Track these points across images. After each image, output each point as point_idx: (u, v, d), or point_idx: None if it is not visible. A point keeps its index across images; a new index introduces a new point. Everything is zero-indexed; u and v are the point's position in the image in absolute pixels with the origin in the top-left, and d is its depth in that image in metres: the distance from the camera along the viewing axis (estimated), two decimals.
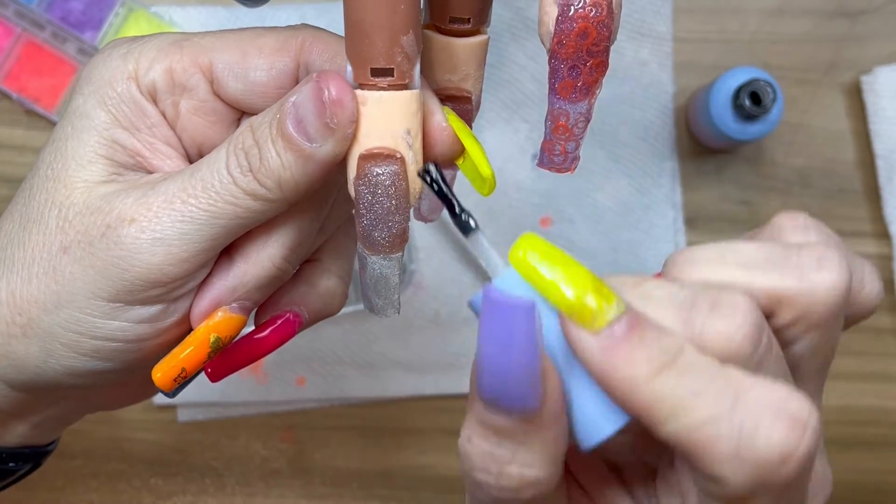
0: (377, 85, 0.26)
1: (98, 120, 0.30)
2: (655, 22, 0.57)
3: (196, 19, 0.56)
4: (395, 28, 0.25)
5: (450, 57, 0.29)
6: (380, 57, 0.26)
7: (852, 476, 0.57)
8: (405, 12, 0.25)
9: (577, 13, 0.25)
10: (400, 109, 0.27)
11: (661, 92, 0.57)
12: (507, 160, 0.57)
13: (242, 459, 0.57)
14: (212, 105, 0.31)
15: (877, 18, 0.57)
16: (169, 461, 0.57)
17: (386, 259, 0.28)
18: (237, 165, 0.28)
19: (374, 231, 0.28)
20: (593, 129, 0.57)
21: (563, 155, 0.27)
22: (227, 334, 0.30)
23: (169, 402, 0.56)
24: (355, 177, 0.27)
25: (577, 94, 0.26)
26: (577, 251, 0.57)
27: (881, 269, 0.57)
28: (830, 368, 0.62)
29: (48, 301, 0.29)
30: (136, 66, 0.30)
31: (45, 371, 0.30)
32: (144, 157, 0.30)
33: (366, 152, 0.27)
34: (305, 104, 0.27)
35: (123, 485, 0.56)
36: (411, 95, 0.27)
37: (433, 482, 0.57)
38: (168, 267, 0.28)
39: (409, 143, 0.27)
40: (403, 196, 0.27)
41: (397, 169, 0.27)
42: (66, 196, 0.29)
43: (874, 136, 0.57)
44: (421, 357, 0.57)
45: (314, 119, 0.27)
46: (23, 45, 0.54)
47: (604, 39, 0.25)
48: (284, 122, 0.27)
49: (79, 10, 0.54)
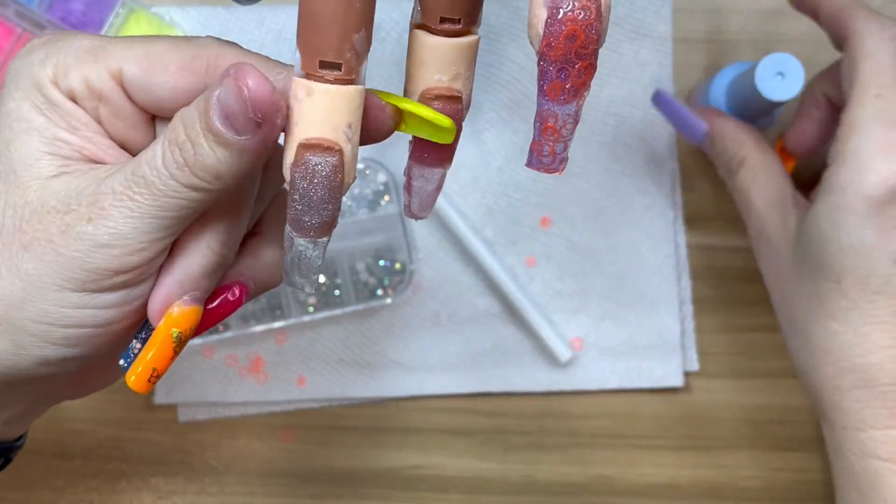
0: (324, 77, 0.27)
1: (37, 122, 0.31)
2: (655, 22, 0.57)
3: (196, 19, 0.56)
4: (348, 25, 0.26)
5: (440, 57, 0.30)
6: (329, 51, 0.27)
7: None
8: (359, 10, 0.26)
9: (565, 16, 0.25)
10: (344, 104, 0.27)
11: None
12: (506, 160, 0.57)
13: (243, 459, 0.57)
14: (130, 110, 0.32)
15: None
16: (169, 461, 0.57)
17: (312, 243, 0.29)
18: (173, 161, 0.29)
19: (304, 216, 0.28)
20: (593, 129, 0.57)
21: (551, 156, 0.27)
22: (187, 326, 0.32)
23: (169, 401, 0.57)
24: (292, 163, 0.28)
25: (565, 95, 0.26)
26: (578, 251, 0.57)
27: None
28: None
29: (15, 297, 0.30)
30: (54, 72, 0.31)
31: (17, 363, 0.31)
32: (89, 150, 0.31)
33: (305, 141, 0.28)
34: (229, 99, 0.28)
35: (123, 484, 0.57)
36: (356, 91, 0.27)
37: (433, 482, 0.57)
38: (128, 257, 0.30)
39: (349, 137, 0.28)
40: (338, 187, 0.28)
41: (335, 161, 0.28)
42: (20, 196, 0.30)
43: None
44: (421, 357, 0.58)
45: (239, 114, 0.28)
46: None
47: (592, 42, 0.26)
48: (211, 117, 0.28)
49: (79, 10, 0.54)
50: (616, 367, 0.57)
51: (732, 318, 0.57)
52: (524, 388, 0.57)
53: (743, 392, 0.57)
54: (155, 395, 0.56)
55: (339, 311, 0.56)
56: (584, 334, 0.57)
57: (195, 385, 0.57)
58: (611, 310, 0.57)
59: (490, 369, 0.57)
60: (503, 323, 0.57)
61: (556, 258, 0.57)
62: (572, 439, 0.57)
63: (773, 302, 0.47)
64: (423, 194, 0.33)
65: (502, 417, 0.57)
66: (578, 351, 0.57)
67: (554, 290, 0.57)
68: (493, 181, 0.57)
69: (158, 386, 0.56)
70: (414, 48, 0.30)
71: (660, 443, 0.57)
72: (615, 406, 0.57)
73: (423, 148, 0.31)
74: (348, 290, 0.56)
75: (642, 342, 0.57)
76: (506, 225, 0.57)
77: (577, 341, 0.57)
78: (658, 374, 0.56)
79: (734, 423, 0.57)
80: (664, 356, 0.56)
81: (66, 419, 0.56)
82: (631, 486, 0.57)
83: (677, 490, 0.57)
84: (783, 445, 0.57)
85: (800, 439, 0.57)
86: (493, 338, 0.57)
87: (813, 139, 0.50)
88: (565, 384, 0.57)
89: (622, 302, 0.57)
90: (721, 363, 0.57)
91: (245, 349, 0.57)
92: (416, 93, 0.30)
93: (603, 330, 0.57)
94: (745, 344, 0.57)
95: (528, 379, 0.57)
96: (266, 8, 0.56)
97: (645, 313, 0.57)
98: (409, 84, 0.30)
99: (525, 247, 0.57)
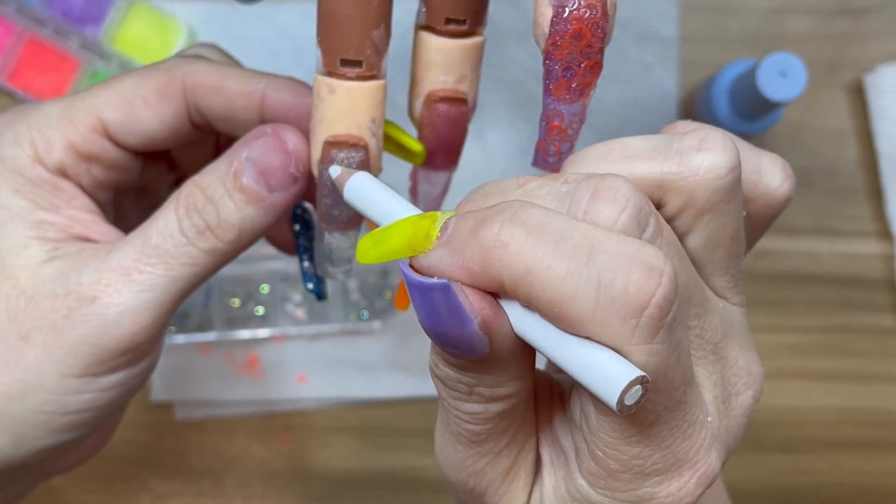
0: (346, 75, 0.27)
1: (18, 207, 0.30)
2: (660, 25, 0.57)
3: (199, 16, 0.56)
4: (367, 23, 0.26)
5: (446, 58, 0.29)
6: (350, 49, 0.27)
7: (855, 477, 0.57)
8: (377, 8, 0.26)
9: (571, 14, 0.25)
10: (367, 99, 0.28)
11: (665, 95, 0.57)
12: (511, 161, 0.57)
13: (241, 460, 0.57)
14: (122, 157, 0.31)
15: (880, 17, 0.57)
16: (167, 462, 0.57)
17: (343, 234, 0.30)
18: (192, 226, 0.29)
19: (334, 211, 0.29)
20: (598, 130, 0.57)
21: (556, 155, 0.27)
22: None
23: (165, 399, 0.56)
24: (319, 160, 0.28)
25: (571, 94, 0.26)
26: None
27: (884, 269, 0.57)
28: (833, 370, 0.63)
29: (14, 391, 0.29)
30: (34, 150, 0.30)
31: (15, 457, 0.30)
32: (76, 229, 0.31)
33: (331, 138, 0.28)
34: (267, 157, 0.29)
35: (121, 485, 0.56)
36: (378, 86, 0.28)
37: (433, 483, 0.57)
38: (135, 335, 0.29)
39: (373, 132, 0.28)
40: None
41: (362, 156, 0.28)
42: (11, 287, 0.29)
43: (877, 135, 0.57)
44: (421, 357, 0.57)
45: (278, 170, 0.29)
46: (25, 43, 0.54)
47: (598, 41, 0.25)
48: (240, 176, 0.29)
49: (80, 5, 0.54)
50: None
51: None
52: None
53: None
54: (152, 392, 0.56)
55: (326, 326, 0.56)
56: None
57: (192, 382, 0.56)
58: None
59: None
60: None
61: None
62: None
63: None
64: (428, 199, 0.32)
65: None
66: None
67: None
68: None
69: (155, 382, 0.56)
70: (419, 49, 0.30)
71: None
72: None
73: (429, 152, 0.31)
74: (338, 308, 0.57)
75: None
76: None
77: None
78: None
79: None
80: None
81: None
82: None
83: None
84: (787, 447, 0.57)
85: (803, 440, 0.57)
86: None
87: None
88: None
89: None
90: None
91: (243, 348, 0.57)
92: (421, 94, 0.30)
93: None
94: None
95: None
96: (268, 4, 0.56)
97: None
98: (414, 85, 0.30)
99: None
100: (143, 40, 0.55)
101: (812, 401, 0.57)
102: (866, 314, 0.57)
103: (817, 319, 0.57)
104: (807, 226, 0.57)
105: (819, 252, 0.57)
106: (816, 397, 0.57)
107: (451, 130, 0.30)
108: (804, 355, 0.57)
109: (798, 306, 0.57)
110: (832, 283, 0.57)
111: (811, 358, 0.57)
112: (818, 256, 0.57)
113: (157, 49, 0.55)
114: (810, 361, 0.57)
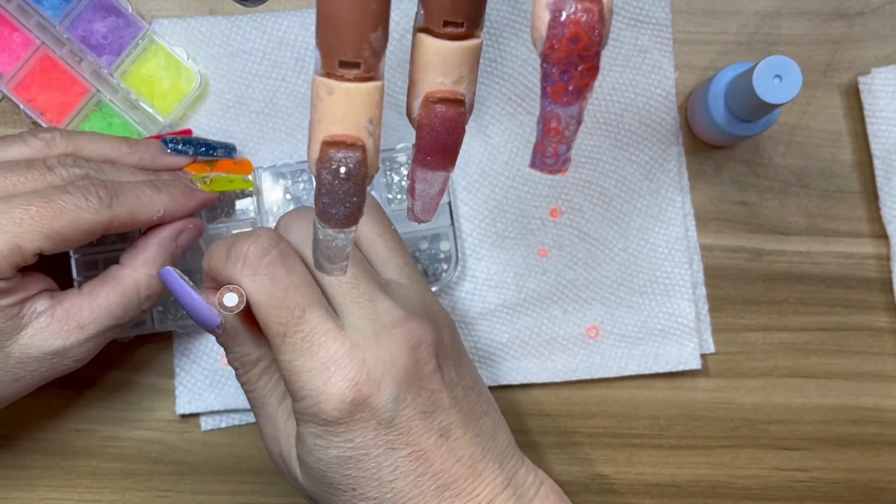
0: (344, 76, 0.28)
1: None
2: (653, 9, 0.57)
3: (198, 31, 0.56)
4: (365, 25, 0.27)
5: (443, 60, 0.30)
6: (348, 51, 0.27)
7: (850, 475, 0.57)
8: (375, 10, 0.27)
9: (568, 18, 0.26)
10: (364, 100, 0.28)
11: (662, 77, 0.57)
12: (513, 154, 0.57)
13: (244, 459, 0.57)
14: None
15: (874, 20, 0.58)
16: (169, 460, 0.57)
17: (341, 232, 0.31)
18: None
19: (331, 209, 0.30)
20: (597, 118, 0.57)
21: (554, 157, 0.28)
22: None
23: (191, 411, 0.56)
24: (317, 159, 0.29)
25: (568, 97, 0.27)
26: (589, 240, 0.57)
27: (879, 269, 0.58)
28: (828, 368, 0.64)
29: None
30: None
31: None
32: None
33: (329, 138, 0.29)
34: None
35: (126, 482, 0.57)
36: (375, 87, 0.28)
37: None
38: None
39: (371, 132, 0.29)
40: (362, 180, 0.29)
41: (359, 156, 0.29)
42: None
43: (872, 137, 0.57)
44: None
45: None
46: (39, 58, 0.54)
47: (595, 44, 0.26)
48: None
49: (101, 32, 0.54)
50: (633, 353, 0.57)
51: (731, 318, 0.58)
52: (543, 379, 0.57)
53: (742, 391, 0.57)
54: (177, 406, 0.56)
55: None
56: (599, 322, 0.57)
57: (215, 392, 0.56)
58: (624, 296, 0.57)
59: (508, 362, 0.57)
60: (518, 315, 0.57)
61: (568, 248, 0.57)
62: (571, 438, 0.57)
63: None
64: (426, 198, 0.33)
65: None
66: (595, 339, 0.57)
67: (567, 280, 0.57)
68: (500, 175, 0.57)
69: (180, 396, 0.56)
70: (417, 51, 0.30)
71: (658, 442, 0.57)
72: (614, 405, 0.57)
73: (426, 152, 0.31)
74: None
75: (658, 327, 0.57)
76: (516, 217, 0.57)
77: (593, 329, 0.57)
78: (675, 358, 0.56)
79: (733, 422, 0.57)
80: (680, 340, 0.57)
81: (66, 418, 0.56)
82: (630, 485, 0.57)
83: (676, 489, 0.57)
84: (782, 444, 0.57)
85: (798, 438, 0.57)
86: (510, 331, 0.57)
87: None
88: (583, 373, 0.57)
89: (635, 288, 0.57)
90: (720, 362, 0.58)
91: None
92: (419, 96, 0.30)
93: (618, 317, 0.57)
94: (743, 343, 0.58)
95: (546, 370, 0.57)
96: (267, 15, 0.57)
97: (658, 298, 0.57)
98: (412, 87, 0.31)
99: (536, 238, 0.57)
100: (154, 81, 0.55)
101: (807, 399, 0.57)
102: (861, 314, 0.58)
103: (812, 319, 0.58)
104: (802, 226, 0.58)
105: (814, 252, 0.58)
106: (811, 396, 0.57)
107: (449, 131, 0.31)
108: (799, 354, 0.57)
109: (793, 306, 0.58)
110: (827, 282, 0.58)
111: (806, 357, 0.57)
112: (813, 256, 0.58)
113: (166, 93, 0.55)
114: (805, 360, 0.57)
